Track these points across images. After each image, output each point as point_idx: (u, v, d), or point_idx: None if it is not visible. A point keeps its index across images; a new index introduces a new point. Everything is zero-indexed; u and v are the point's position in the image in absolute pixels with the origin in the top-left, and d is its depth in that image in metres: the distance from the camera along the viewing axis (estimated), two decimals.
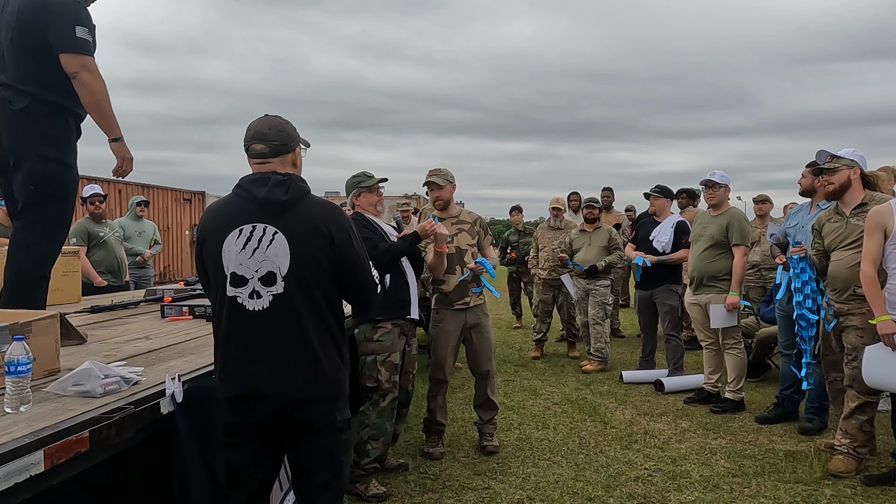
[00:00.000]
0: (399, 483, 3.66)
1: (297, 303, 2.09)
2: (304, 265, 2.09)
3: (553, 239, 7.05)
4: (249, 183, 2.14)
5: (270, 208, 2.10)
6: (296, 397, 2.10)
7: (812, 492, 3.52)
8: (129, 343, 3.06)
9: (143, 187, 13.51)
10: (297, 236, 2.09)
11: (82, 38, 2.78)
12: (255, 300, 2.08)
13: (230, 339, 2.13)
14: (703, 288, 5.08)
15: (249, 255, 2.08)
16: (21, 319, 2.24)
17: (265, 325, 2.09)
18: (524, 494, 3.52)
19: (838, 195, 3.90)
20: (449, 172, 4.17)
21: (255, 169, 2.18)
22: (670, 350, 5.84)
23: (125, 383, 2.22)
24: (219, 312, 2.16)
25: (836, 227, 3.90)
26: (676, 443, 4.34)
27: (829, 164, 3.90)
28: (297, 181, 2.15)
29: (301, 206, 2.13)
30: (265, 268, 2.08)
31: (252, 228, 2.10)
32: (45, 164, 2.82)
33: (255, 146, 2.18)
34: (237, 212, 2.13)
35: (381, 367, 3.50)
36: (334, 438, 2.17)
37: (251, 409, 2.12)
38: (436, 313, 4.16)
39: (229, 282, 2.10)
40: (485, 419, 4.23)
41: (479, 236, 4.20)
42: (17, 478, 1.57)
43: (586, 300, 6.69)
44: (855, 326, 3.75)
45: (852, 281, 3.74)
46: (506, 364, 6.81)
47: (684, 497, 3.48)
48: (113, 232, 6.31)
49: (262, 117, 2.24)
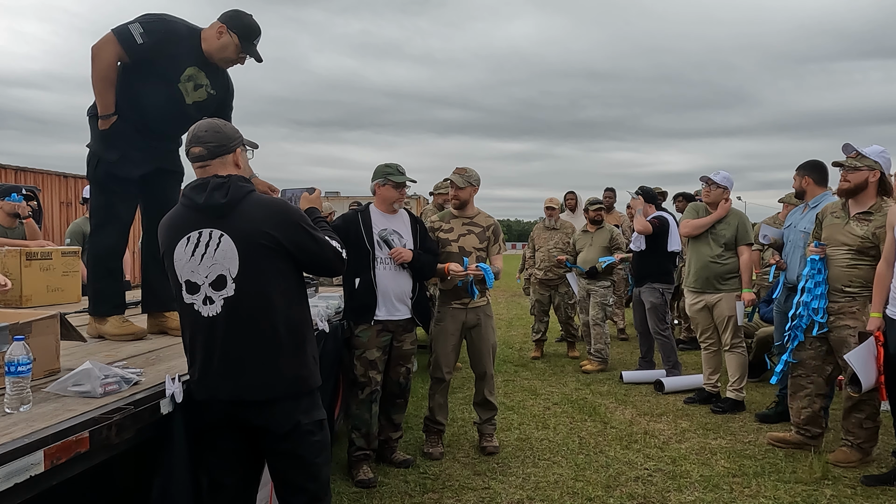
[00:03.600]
0: (399, 483, 3.66)
1: (249, 304, 2.10)
2: (252, 264, 2.10)
3: (549, 239, 7.02)
4: (191, 190, 2.16)
5: (212, 212, 2.11)
6: (252, 399, 2.11)
7: (812, 492, 3.52)
8: (129, 343, 3.06)
9: None
10: (243, 236, 2.10)
11: (124, 26, 2.85)
12: (209, 306, 2.10)
13: (193, 346, 2.17)
14: (712, 288, 5.06)
15: (199, 261, 2.11)
16: (21, 319, 2.24)
17: (219, 329, 2.10)
18: (524, 494, 3.52)
19: (851, 194, 3.83)
20: (474, 175, 4.14)
21: (197, 173, 2.20)
22: (660, 348, 5.91)
23: (125, 383, 2.22)
24: (182, 321, 2.21)
25: (836, 222, 3.90)
26: (676, 443, 4.33)
27: (851, 162, 3.79)
28: (238, 181, 2.15)
29: (243, 206, 2.12)
30: (215, 272, 2.10)
31: (199, 235, 2.12)
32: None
33: (193, 150, 2.18)
34: (183, 220, 2.16)
35: (357, 363, 3.65)
36: (302, 442, 2.16)
37: (216, 413, 2.16)
38: (437, 312, 4.16)
39: (185, 290, 2.14)
40: (483, 419, 4.23)
41: (489, 241, 4.17)
42: (18, 478, 1.56)
43: (587, 300, 6.69)
44: (847, 325, 3.80)
45: (841, 280, 3.80)
46: (506, 364, 6.81)
47: (684, 497, 3.48)
48: None
49: (201, 120, 2.25)
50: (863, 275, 3.76)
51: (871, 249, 3.72)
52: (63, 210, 11.18)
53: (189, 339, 2.19)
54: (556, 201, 7.22)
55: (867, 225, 3.74)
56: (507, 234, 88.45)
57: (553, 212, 7.12)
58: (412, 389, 4.22)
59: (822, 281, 3.89)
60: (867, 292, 3.72)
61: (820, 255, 3.89)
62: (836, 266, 3.83)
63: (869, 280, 3.70)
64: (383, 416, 3.89)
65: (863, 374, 3.50)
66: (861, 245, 3.75)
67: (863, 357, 3.51)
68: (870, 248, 3.72)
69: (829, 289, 3.87)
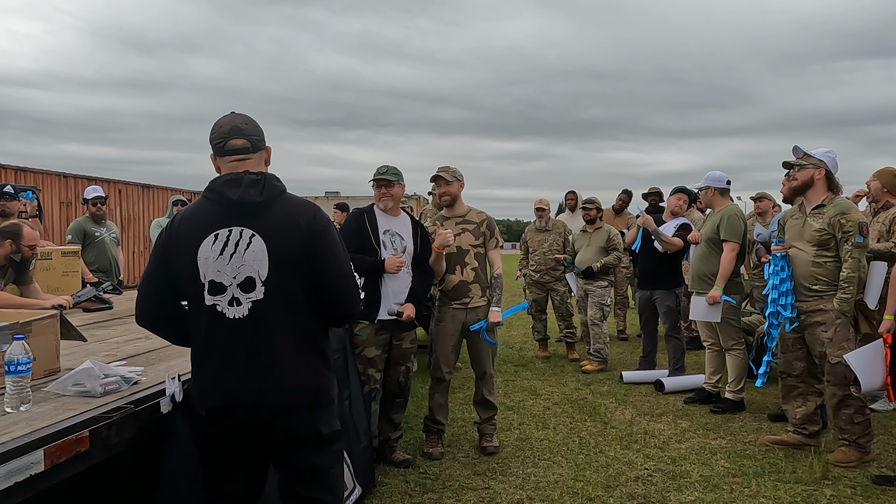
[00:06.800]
0: (399, 483, 3.66)
1: (277, 308, 1.99)
2: (283, 268, 1.99)
3: (542, 241, 7.00)
4: (222, 185, 2.01)
5: (245, 210, 1.98)
6: (275, 406, 2.00)
7: (812, 492, 3.52)
8: (129, 343, 3.06)
9: (142, 187, 13.52)
10: (275, 238, 1.98)
11: None
12: (235, 307, 1.97)
13: (210, 348, 2.01)
14: (698, 285, 5.09)
15: (227, 260, 1.97)
16: (21, 319, 2.24)
17: (245, 332, 1.98)
18: (524, 494, 3.52)
19: (800, 192, 4.04)
20: (458, 171, 4.18)
21: (232, 167, 2.05)
22: (671, 350, 5.84)
23: (125, 383, 2.23)
24: (196, 322, 2.03)
25: (795, 223, 4.07)
26: (676, 443, 4.34)
27: (798, 161, 4.03)
28: (272, 180, 2.05)
29: (277, 206, 2.02)
30: (244, 273, 1.97)
31: (228, 233, 1.98)
32: None
33: (235, 142, 2.05)
34: (211, 216, 2.01)
35: (356, 361, 3.66)
36: (321, 451, 2.07)
37: (230, 420, 2.01)
38: (437, 312, 4.16)
39: (207, 290, 1.98)
40: (483, 418, 4.23)
41: (485, 237, 4.17)
42: (18, 477, 1.56)
43: (585, 300, 6.70)
44: (818, 322, 3.89)
45: (807, 279, 3.92)
46: (506, 364, 6.81)
47: (684, 497, 3.48)
48: (110, 233, 6.36)
49: (230, 114, 2.12)
50: (826, 273, 3.87)
51: (830, 241, 3.85)
52: (63, 210, 11.18)
53: (204, 341, 2.02)
54: (545, 202, 7.15)
55: (821, 217, 3.89)
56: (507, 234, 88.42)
57: (543, 213, 7.06)
58: (412, 389, 4.22)
59: (787, 277, 4.03)
60: (833, 291, 3.84)
61: (781, 253, 4.05)
62: (801, 265, 3.96)
63: (833, 278, 3.84)
64: (383, 416, 3.90)
65: (863, 375, 3.52)
66: (820, 238, 3.87)
67: (866, 358, 3.53)
68: (828, 241, 3.85)
69: (798, 288, 3.97)
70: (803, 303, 3.95)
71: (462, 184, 4.17)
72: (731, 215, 5.02)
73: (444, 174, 4.10)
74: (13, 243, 3.67)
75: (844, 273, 3.74)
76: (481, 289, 4.11)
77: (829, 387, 3.88)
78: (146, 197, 13.63)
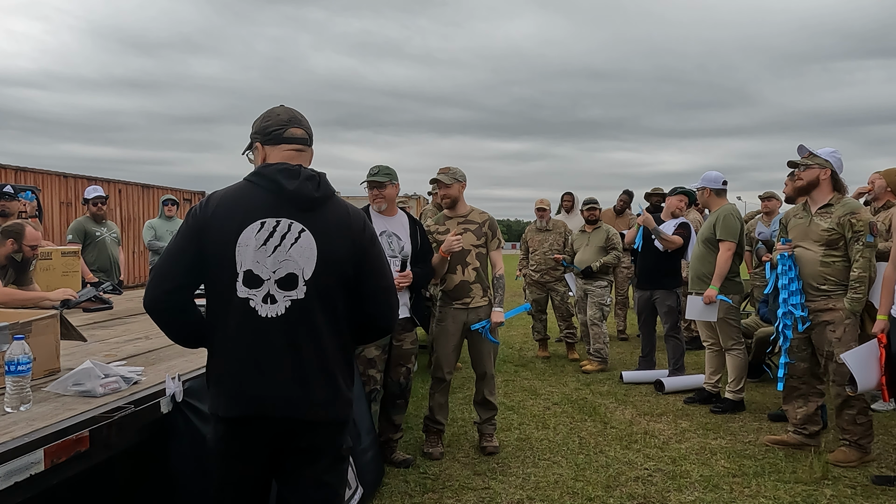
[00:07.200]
0: (399, 483, 3.66)
1: (316, 311, 1.84)
2: (329, 270, 1.86)
3: (543, 241, 7.00)
4: (276, 172, 1.86)
5: (299, 204, 1.86)
6: (308, 420, 1.85)
7: (812, 492, 3.52)
8: (129, 343, 3.07)
9: (142, 187, 13.53)
10: (326, 237, 1.87)
11: None
12: (269, 305, 1.81)
13: (235, 347, 1.83)
14: (697, 285, 5.09)
15: (269, 252, 1.82)
16: (21, 319, 2.24)
17: (278, 334, 1.82)
18: (524, 494, 3.52)
19: (805, 192, 4.01)
20: (459, 171, 4.14)
21: (288, 156, 1.94)
22: (671, 350, 5.84)
23: (125, 383, 2.23)
24: (222, 316, 1.85)
25: (800, 223, 4.04)
26: (676, 443, 4.33)
27: (804, 161, 3.99)
28: (327, 179, 1.95)
29: (330, 205, 1.92)
30: (285, 269, 1.83)
31: (276, 223, 1.83)
32: None
33: (295, 130, 1.96)
34: (257, 203, 1.85)
35: (356, 361, 3.59)
36: (334, 468, 1.96)
37: (253, 432, 1.85)
38: (438, 312, 4.16)
39: (242, 280, 1.81)
40: (483, 418, 4.23)
41: (487, 237, 4.16)
42: (18, 477, 1.57)
43: (585, 300, 6.70)
44: (827, 322, 3.86)
45: (815, 278, 3.90)
46: (506, 364, 6.81)
47: (684, 497, 3.48)
48: (110, 233, 6.37)
49: (281, 106, 2.03)
50: (835, 272, 3.85)
51: (839, 241, 3.82)
52: (63, 210, 11.19)
53: (228, 340, 1.84)
54: (546, 202, 7.16)
55: (829, 217, 3.86)
56: (507, 234, 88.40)
57: (544, 213, 7.06)
58: (412, 389, 4.22)
59: (795, 277, 4.00)
60: (841, 290, 3.82)
61: (788, 253, 4.03)
62: (808, 265, 3.93)
63: (842, 277, 3.81)
64: (384, 417, 3.89)
65: (860, 375, 3.52)
66: (829, 238, 3.84)
67: (861, 357, 3.53)
68: (837, 240, 3.82)
69: (805, 288, 3.95)
70: (811, 302, 3.93)
71: (463, 184, 4.15)
72: (727, 215, 5.03)
73: (443, 177, 4.09)
74: (15, 242, 3.68)
75: (855, 273, 3.72)
76: (482, 289, 4.11)
77: (834, 387, 3.87)
78: (146, 197, 13.64)
